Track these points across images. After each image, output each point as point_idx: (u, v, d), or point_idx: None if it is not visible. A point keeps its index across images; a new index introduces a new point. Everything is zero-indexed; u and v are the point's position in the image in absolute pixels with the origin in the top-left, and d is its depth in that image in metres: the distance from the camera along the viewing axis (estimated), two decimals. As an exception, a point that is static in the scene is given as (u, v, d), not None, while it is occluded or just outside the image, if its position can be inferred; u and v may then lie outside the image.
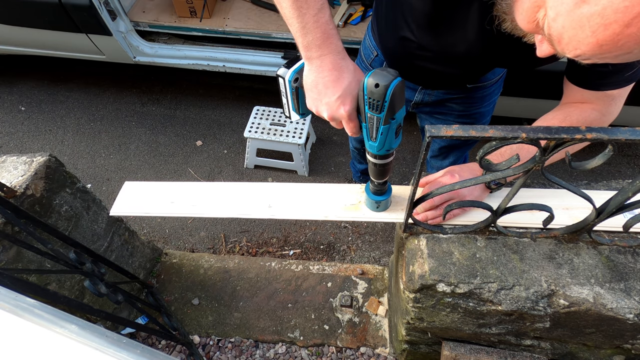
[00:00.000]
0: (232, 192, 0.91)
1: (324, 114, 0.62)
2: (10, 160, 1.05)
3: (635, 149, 2.29)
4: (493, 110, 1.15)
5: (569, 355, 0.96)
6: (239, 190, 0.91)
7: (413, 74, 0.97)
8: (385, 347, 1.39)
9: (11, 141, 2.39)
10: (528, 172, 0.59)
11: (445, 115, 1.11)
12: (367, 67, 1.11)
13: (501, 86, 1.09)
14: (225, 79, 2.68)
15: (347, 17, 2.05)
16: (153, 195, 0.93)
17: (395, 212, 0.85)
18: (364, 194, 0.84)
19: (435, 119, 1.15)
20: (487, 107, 1.09)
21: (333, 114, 0.61)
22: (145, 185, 0.95)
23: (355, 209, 0.86)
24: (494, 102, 1.11)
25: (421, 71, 0.93)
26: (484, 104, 1.07)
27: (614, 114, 0.76)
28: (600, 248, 0.78)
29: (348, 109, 0.60)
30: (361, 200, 0.87)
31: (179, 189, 0.93)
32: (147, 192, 0.94)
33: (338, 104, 0.60)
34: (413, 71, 0.95)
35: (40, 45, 2.21)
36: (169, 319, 1.38)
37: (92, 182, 2.21)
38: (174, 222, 2.04)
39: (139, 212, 0.90)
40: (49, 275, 1.09)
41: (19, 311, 0.49)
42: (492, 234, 0.81)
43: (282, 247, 1.94)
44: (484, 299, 0.77)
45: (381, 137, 0.59)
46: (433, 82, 1.00)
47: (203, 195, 0.91)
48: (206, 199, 0.90)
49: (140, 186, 0.95)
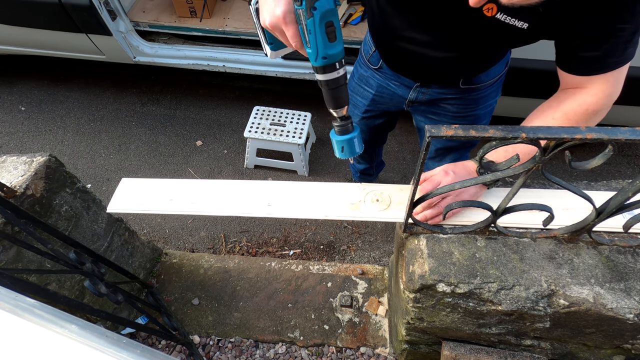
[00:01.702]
0: (231, 189, 0.91)
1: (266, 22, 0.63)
2: (10, 160, 1.05)
3: (635, 149, 2.29)
4: (492, 113, 1.15)
5: (569, 355, 0.96)
6: (238, 188, 0.91)
7: (406, 63, 1.00)
8: (385, 347, 1.39)
9: (11, 141, 2.39)
10: (528, 172, 0.59)
11: (440, 115, 1.11)
12: (365, 62, 1.14)
13: (499, 90, 1.09)
14: (225, 79, 2.68)
15: (347, 17, 2.05)
16: (151, 192, 0.92)
17: (395, 211, 0.85)
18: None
19: (429, 119, 1.15)
20: (483, 110, 1.09)
21: (272, 18, 0.62)
22: (143, 182, 0.95)
23: (355, 208, 0.86)
24: (491, 106, 1.11)
25: (411, 57, 0.95)
26: (479, 106, 1.07)
27: (613, 96, 0.75)
28: (600, 248, 0.78)
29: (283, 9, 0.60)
30: (361, 199, 0.87)
31: (178, 186, 0.93)
32: (144, 189, 0.93)
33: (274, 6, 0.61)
34: (405, 58, 0.98)
35: (40, 45, 2.21)
36: (169, 319, 1.38)
37: (92, 182, 2.21)
38: (174, 222, 2.04)
39: (137, 209, 0.89)
40: (49, 275, 1.09)
41: (19, 311, 0.49)
42: (492, 234, 0.81)
43: (282, 247, 1.94)
44: (484, 299, 0.77)
45: (311, 37, 0.57)
46: (426, 73, 1.01)
47: (202, 192, 0.91)
48: (205, 196, 0.90)
49: (138, 183, 0.95)
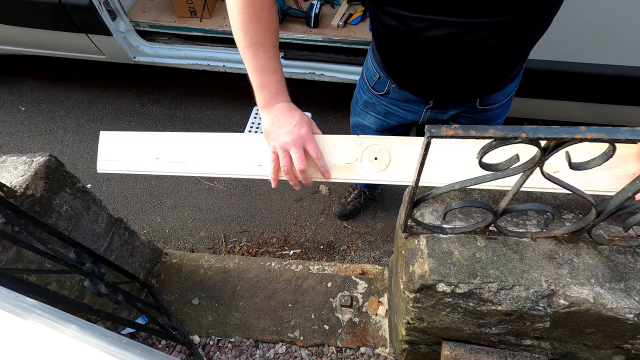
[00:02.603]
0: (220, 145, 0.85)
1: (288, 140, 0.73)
2: (10, 160, 1.05)
3: (635, 149, 2.29)
4: None
5: (569, 355, 0.96)
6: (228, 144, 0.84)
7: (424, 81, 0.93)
8: (385, 347, 1.39)
9: (11, 141, 2.39)
10: (528, 172, 0.59)
11: None
12: (369, 89, 1.08)
13: (508, 108, 1.07)
14: (225, 79, 2.67)
15: (347, 17, 2.05)
16: (135, 149, 0.86)
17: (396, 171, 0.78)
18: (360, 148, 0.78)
19: None
20: None
21: (294, 136, 0.73)
22: (125, 136, 0.87)
23: (352, 169, 0.80)
24: (500, 124, 1.09)
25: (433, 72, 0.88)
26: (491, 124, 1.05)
27: None
28: (600, 248, 0.78)
29: (307, 129, 0.74)
30: (358, 157, 0.80)
31: (163, 141, 0.86)
32: (128, 145, 0.86)
33: (298, 128, 0.74)
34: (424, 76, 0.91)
35: (40, 45, 2.21)
36: (169, 319, 1.38)
37: (92, 182, 2.21)
38: (174, 222, 2.04)
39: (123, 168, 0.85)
40: (49, 275, 1.09)
41: (19, 311, 0.49)
42: (492, 234, 0.81)
43: (282, 247, 1.94)
44: (484, 299, 0.77)
45: None
46: (445, 89, 0.94)
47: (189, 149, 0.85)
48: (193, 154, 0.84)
49: (120, 137, 0.87)
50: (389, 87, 1.02)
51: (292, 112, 0.77)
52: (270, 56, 0.75)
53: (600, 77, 1.54)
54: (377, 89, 1.05)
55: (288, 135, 0.74)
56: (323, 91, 2.57)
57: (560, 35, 1.42)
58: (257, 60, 0.74)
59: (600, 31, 1.42)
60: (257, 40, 0.73)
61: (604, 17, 1.37)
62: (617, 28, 1.39)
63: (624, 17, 1.36)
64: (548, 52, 1.50)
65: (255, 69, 0.75)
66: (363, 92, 1.13)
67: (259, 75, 0.75)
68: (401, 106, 1.05)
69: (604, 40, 1.44)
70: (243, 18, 0.72)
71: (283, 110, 0.77)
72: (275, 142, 0.75)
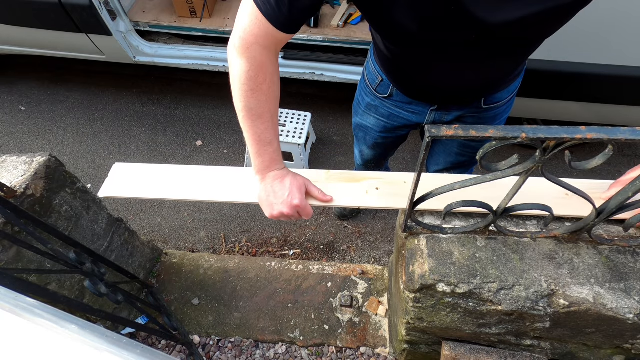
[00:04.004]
0: (225, 177, 0.92)
1: (284, 210, 0.80)
2: (10, 160, 1.05)
3: (635, 149, 2.29)
4: None
5: (569, 355, 0.96)
6: (233, 175, 0.92)
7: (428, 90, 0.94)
8: (385, 347, 1.39)
9: (11, 141, 2.39)
10: (528, 172, 0.59)
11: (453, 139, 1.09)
12: (372, 92, 1.07)
13: (512, 104, 1.06)
14: (225, 79, 2.66)
15: (347, 17, 2.05)
16: (144, 177, 0.92)
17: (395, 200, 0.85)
18: None
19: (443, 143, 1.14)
20: None
21: (290, 207, 0.80)
22: (136, 167, 0.94)
23: None
24: (503, 122, 1.09)
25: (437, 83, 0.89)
26: (494, 123, 1.05)
27: None
28: (600, 248, 0.78)
29: (300, 197, 0.80)
30: None
31: (171, 172, 0.92)
32: (137, 174, 0.93)
33: (291, 198, 0.79)
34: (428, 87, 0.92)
35: (40, 45, 2.21)
36: (169, 319, 1.38)
37: (92, 182, 2.21)
38: (174, 222, 2.04)
39: (129, 194, 0.89)
40: (49, 275, 1.09)
41: (19, 311, 0.49)
42: (492, 234, 0.81)
43: (282, 247, 1.94)
44: (484, 299, 0.77)
45: None
46: (450, 92, 0.94)
47: (196, 179, 0.91)
48: (199, 183, 0.90)
49: (131, 168, 0.94)
50: (392, 90, 1.01)
51: (284, 181, 0.81)
52: (268, 127, 0.77)
53: (600, 77, 1.54)
54: (380, 91, 1.04)
55: (283, 206, 0.80)
56: (323, 91, 2.58)
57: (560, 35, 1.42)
58: (255, 130, 0.77)
59: (600, 31, 1.42)
60: (257, 112, 0.75)
61: (604, 17, 1.37)
62: (617, 28, 1.39)
63: (624, 17, 1.35)
64: (548, 52, 1.50)
65: (252, 138, 0.78)
66: (365, 94, 1.12)
67: (256, 144, 0.79)
68: (405, 108, 1.04)
69: (604, 40, 1.44)
70: (245, 90, 0.73)
71: (276, 179, 0.82)
72: (272, 210, 0.81)
